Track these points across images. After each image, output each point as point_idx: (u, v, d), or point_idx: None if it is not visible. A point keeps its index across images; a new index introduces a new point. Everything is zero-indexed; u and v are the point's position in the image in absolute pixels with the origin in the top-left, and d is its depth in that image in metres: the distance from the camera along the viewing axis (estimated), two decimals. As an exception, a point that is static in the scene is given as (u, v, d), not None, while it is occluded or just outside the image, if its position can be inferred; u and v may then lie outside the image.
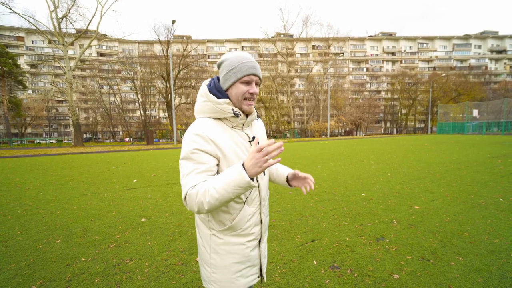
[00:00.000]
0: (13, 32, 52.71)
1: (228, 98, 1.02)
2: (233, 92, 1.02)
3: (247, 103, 1.02)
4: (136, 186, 5.98)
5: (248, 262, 1.11)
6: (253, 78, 1.01)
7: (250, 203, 1.08)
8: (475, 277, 2.07)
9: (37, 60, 49.39)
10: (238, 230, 1.06)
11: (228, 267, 1.07)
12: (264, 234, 1.19)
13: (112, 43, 59.80)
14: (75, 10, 25.65)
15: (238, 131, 1.06)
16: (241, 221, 1.05)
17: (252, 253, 1.11)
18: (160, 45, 36.06)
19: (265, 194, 1.16)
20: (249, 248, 1.10)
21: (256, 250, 1.13)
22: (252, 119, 1.10)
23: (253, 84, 1.02)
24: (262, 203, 1.12)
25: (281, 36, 54.14)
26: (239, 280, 1.09)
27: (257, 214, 1.11)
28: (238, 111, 1.01)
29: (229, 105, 1.00)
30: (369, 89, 65.47)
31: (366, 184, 5.52)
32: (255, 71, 1.01)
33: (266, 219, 1.19)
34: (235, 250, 1.07)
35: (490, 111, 37.83)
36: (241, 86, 1.00)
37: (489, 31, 69.43)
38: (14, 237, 3.14)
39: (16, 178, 7.44)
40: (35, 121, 50.72)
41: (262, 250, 1.16)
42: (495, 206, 3.81)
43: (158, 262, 2.45)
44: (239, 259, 1.08)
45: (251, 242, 1.10)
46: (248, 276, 1.12)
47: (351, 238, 2.88)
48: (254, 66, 1.01)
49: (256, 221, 1.11)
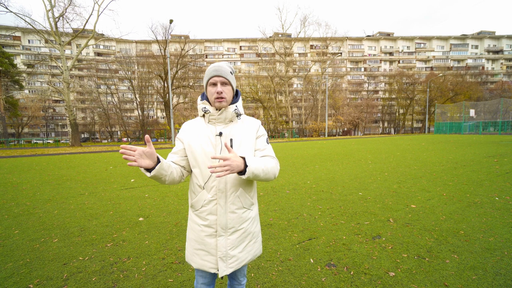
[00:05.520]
0: (9, 31, 52.20)
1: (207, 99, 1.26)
2: (208, 94, 1.25)
3: (217, 100, 1.22)
4: (133, 185, 5.97)
5: (203, 245, 1.25)
6: (216, 79, 1.20)
7: (208, 190, 1.22)
8: (470, 274, 2.09)
9: (34, 60, 49.04)
10: (197, 210, 1.26)
11: (189, 241, 1.30)
12: (227, 230, 1.23)
13: (110, 43, 59.45)
14: (71, 9, 25.32)
15: (210, 126, 1.26)
16: (198, 202, 1.25)
17: (207, 239, 1.24)
18: (158, 45, 35.96)
19: (226, 188, 1.22)
20: (203, 232, 1.24)
21: (212, 239, 1.24)
22: (226, 117, 1.25)
23: (218, 85, 1.21)
24: (219, 194, 1.21)
25: (279, 36, 54.18)
26: (195, 257, 1.27)
27: (213, 203, 1.22)
28: (207, 109, 1.25)
29: (203, 104, 1.26)
30: (367, 89, 65.64)
31: (363, 183, 5.55)
32: (217, 73, 1.20)
33: (229, 214, 1.22)
34: (194, 228, 1.28)
35: (487, 111, 38.13)
36: (210, 89, 1.23)
37: (486, 31, 69.85)
38: (11, 236, 3.12)
39: (13, 178, 7.39)
40: (32, 121, 50.35)
41: (220, 245, 1.22)
42: (491, 205, 3.85)
43: (156, 260, 2.45)
44: (195, 238, 1.27)
45: (206, 228, 1.24)
46: (204, 260, 1.25)
47: (347, 236, 2.90)
48: (216, 69, 1.21)
49: (211, 210, 1.23)
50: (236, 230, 1.25)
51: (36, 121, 52.12)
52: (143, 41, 61.01)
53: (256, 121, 1.34)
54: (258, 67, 61.18)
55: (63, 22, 25.32)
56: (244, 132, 1.27)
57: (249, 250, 1.31)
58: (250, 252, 1.31)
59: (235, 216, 1.24)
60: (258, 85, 50.99)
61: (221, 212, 1.21)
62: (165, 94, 34.94)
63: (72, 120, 25.90)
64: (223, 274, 1.22)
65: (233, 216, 1.24)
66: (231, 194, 1.22)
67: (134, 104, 54.01)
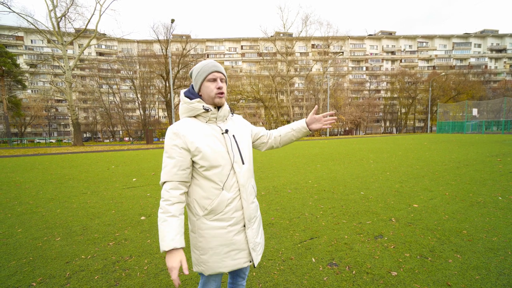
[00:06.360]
0: (12, 31, 52.40)
1: (200, 98, 1.20)
2: (204, 91, 1.19)
3: (218, 96, 1.18)
4: (135, 184, 5.99)
5: (233, 245, 1.20)
6: (216, 75, 1.18)
7: (228, 189, 1.18)
8: (473, 274, 2.08)
9: (36, 60, 49.31)
10: (218, 214, 1.17)
11: (214, 249, 1.18)
12: (251, 221, 1.25)
13: (111, 43, 59.66)
14: (74, 9, 25.68)
15: (211, 125, 1.21)
16: (220, 205, 1.17)
17: (236, 237, 1.20)
18: (159, 44, 35.98)
19: (245, 181, 1.23)
20: (231, 232, 1.19)
21: (241, 235, 1.22)
22: (225, 114, 1.24)
23: (218, 80, 1.18)
24: (241, 189, 1.20)
25: (280, 35, 54.06)
26: (225, 261, 1.19)
27: (237, 200, 1.20)
28: (208, 107, 1.18)
29: (200, 103, 1.18)
30: (368, 88, 65.43)
31: (365, 182, 5.53)
32: (217, 68, 1.18)
33: (251, 205, 1.26)
34: (217, 233, 1.18)
35: (489, 110, 37.85)
36: (209, 84, 1.18)
37: (489, 29, 69.37)
38: (14, 235, 3.14)
39: (16, 177, 7.44)
40: (34, 120, 50.64)
41: (249, 236, 1.23)
42: (494, 204, 3.82)
43: (157, 259, 2.45)
44: (222, 242, 1.18)
45: (233, 227, 1.20)
46: (236, 259, 1.21)
47: (349, 236, 2.89)
48: (215, 64, 1.19)
49: (237, 207, 1.20)
50: (256, 218, 1.31)
51: (39, 120, 52.42)
52: (145, 41, 61.15)
53: (240, 116, 1.42)
54: (260, 66, 61.15)
55: (65, 22, 25.49)
56: (239, 127, 1.31)
57: (262, 233, 1.40)
58: (262, 235, 1.40)
59: (254, 206, 1.29)
60: (259, 84, 50.95)
61: (246, 205, 1.22)
62: (167, 93, 34.99)
63: (74, 120, 26.02)
64: (257, 262, 1.26)
65: (253, 206, 1.28)
66: (249, 185, 1.25)
67: (136, 104, 54.23)
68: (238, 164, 1.20)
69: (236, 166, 1.19)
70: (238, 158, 1.21)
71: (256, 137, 1.44)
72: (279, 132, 1.48)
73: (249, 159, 1.28)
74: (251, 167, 1.30)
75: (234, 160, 1.19)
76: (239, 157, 1.22)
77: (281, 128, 1.49)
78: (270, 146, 1.48)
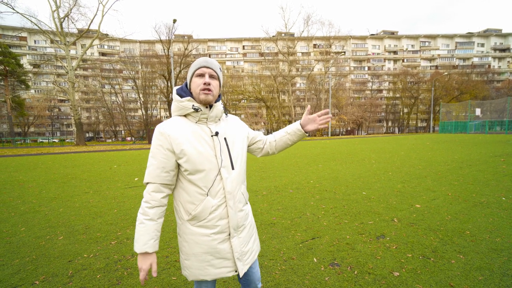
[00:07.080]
0: (15, 32, 52.82)
1: (191, 95, 1.13)
2: (192, 87, 1.13)
3: (202, 92, 1.10)
4: (137, 184, 6.01)
5: (217, 254, 1.15)
6: (204, 70, 1.11)
7: (213, 195, 1.12)
8: (476, 275, 2.07)
9: (40, 60, 49.62)
10: (202, 221, 1.12)
11: (197, 256, 1.14)
12: (238, 230, 1.19)
13: (114, 43, 59.93)
14: (76, 9, 25.77)
15: (202, 126, 1.14)
16: (203, 212, 1.11)
17: (220, 246, 1.15)
18: (161, 45, 36.10)
19: (233, 188, 1.16)
20: (215, 240, 1.14)
21: (226, 244, 1.16)
22: (217, 115, 1.17)
23: (206, 76, 1.10)
24: (227, 196, 1.14)
25: (282, 35, 53.97)
26: (208, 269, 1.14)
27: (222, 207, 1.14)
28: (198, 106, 1.11)
29: (190, 101, 1.11)
30: (370, 88, 65.16)
31: (367, 182, 5.52)
32: (206, 64, 1.11)
33: (238, 214, 1.19)
34: (201, 240, 1.13)
35: (493, 110, 37.58)
36: (195, 80, 1.12)
37: (493, 29, 68.80)
38: (17, 233, 3.17)
39: (19, 176, 7.49)
40: (37, 120, 51.03)
41: (235, 246, 1.17)
42: (497, 205, 3.79)
43: (159, 258, 2.46)
44: (206, 250, 1.13)
45: (217, 235, 1.14)
46: (220, 268, 1.16)
47: (351, 236, 2.88)
48: (206, 60, 1.12)
49: (221, 215, 1.14)
50: (244, 227, 1.24)
51: (42, 120, 52.80)
52: (147, 41, 61.34)
53: (236, 118, 1.35)
54: (261, 66, 61.12)
55: (68, 23, 25.61)
56: (233, 129, 1.24)
57: (254, 241, 1.32)
58: (255, 242, 1.32)
59: (242, 214, 1.22)
60: (261, 84, 50.95)
61: (232, 213, 1.16)
62: (169, 93, 35.12)
63: (77, 120, 26.16)
64: (242, 273, 1.20)
65: (241, 214, 1.21)
66: (238, 192, 1.19)
67: (138, 104, 54.32)
68: (227, 169, 1.14)
69: (224, 171, 1.12)
70: (227, 163, 1.14)
71: (253, 141, 1.38)
72: (274, 137, 1.42)
73: (240, 164, 1.21)
74: (243, 172, 1.24)
75: (222, 165, 1.12)
76: (229, 162, 1.15)
77: (276, 133, 1.43)
78: (266, 152, 1.42)
